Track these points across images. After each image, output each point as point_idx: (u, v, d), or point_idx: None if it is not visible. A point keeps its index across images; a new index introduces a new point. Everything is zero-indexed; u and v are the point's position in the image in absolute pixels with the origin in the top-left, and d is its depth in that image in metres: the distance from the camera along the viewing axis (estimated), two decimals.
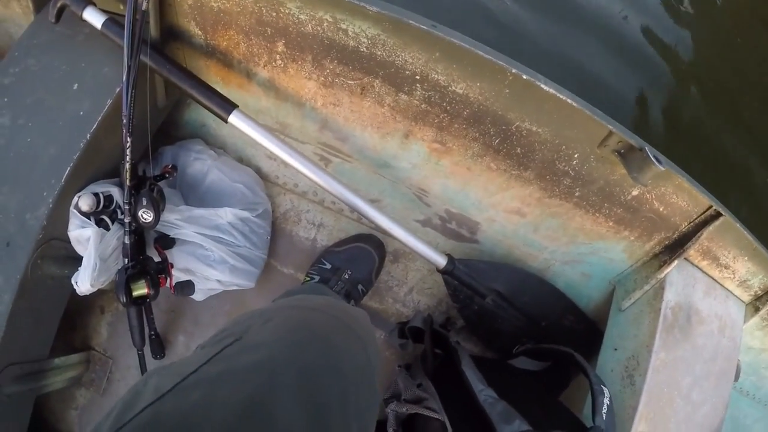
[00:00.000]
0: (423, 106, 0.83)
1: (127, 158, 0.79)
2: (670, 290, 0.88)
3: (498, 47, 0.74)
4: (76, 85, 0.82)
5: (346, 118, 0.91)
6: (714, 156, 1.97)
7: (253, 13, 0.80)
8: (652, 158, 0.74)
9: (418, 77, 0.79)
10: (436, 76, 0.78)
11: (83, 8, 0.78)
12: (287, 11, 0.77)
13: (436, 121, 0.85)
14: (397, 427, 0.87)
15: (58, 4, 0.79)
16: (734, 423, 1.23)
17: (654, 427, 0.83)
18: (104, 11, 0.79)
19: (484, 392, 0.75)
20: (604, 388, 0.79)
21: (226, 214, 0.92)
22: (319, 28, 0.78)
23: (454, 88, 0.79)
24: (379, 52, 0.78)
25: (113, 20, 0.78)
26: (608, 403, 0.77)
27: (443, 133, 0.87)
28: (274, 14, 0.79)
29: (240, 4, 0.79)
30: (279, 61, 0.86)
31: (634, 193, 0.85)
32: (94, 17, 0.78)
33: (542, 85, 0.73)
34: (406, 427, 0.88)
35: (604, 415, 0.75)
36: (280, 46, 0.83)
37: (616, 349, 0.91)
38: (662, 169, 0.73)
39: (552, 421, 0.80)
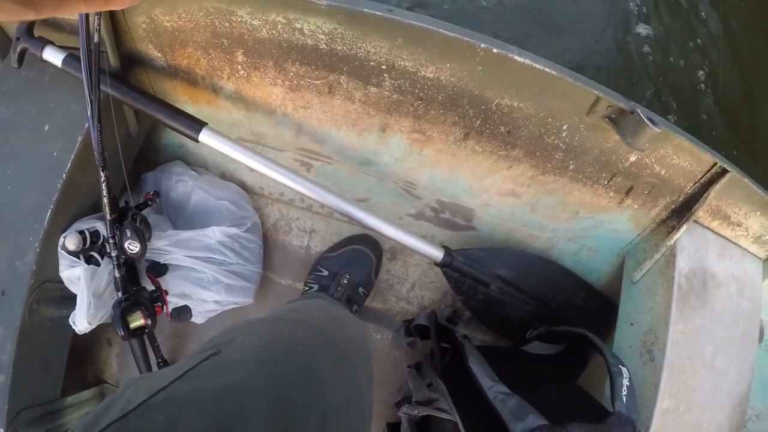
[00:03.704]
0: (395, 96, 0.79)
1: (104, 192, 0.78)
2: (681, 256, 0.82)
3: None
4: (47, 126, 0.81)
5: (319, 119, 0.88)
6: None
7: (206, 27, 0.77)
8: (646, 120, 0.68)
9: (384, 67, 0.75)
10: (402, 62, 0.74)
11: (42, 49, 0.78)
12: (239, 19, 0.74)
13: (411, 110, 0.81)
14: (410, 430, 0.85)
15: (18, 49, 0.79)
16: (763, 382, 1.16)
17: (679, 402, 0.78)
18: (64, 48, 0.78)
19: (494, 389, 0.71)
20: (622, 368, 0.75)
21: (214, 233, 0.91)
22: (274, 32, 0.75)
23: (423, 72, 0.74)
24: (339, 47, 0.74)
25: (73, 56, 0.77)
26: (628, 384, 0.73)
27: (421, 121, 0.83)
28: (227, 24, 0.76)
29: (192, 19, 0.77)
30: (242, 72, 0.83)
31: (632, 159, 0.80)
32: (53, 56, 0.78)
33: (516, 57, 0.68)
34: (421, 429, 0.86)
35: (624, 398, 0.71)
36: (240, 56, 0.81)
37: (632, 324, 0.87)
38: (658, 130, 0.68)
39: (570, 409, 0.77)
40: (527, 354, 0.95)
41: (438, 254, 0.86)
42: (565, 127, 0.77)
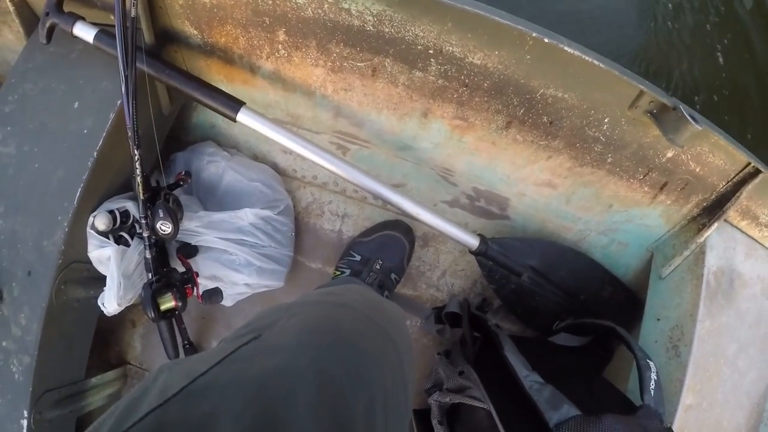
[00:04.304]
0: (440, 81, 0.79)
1: (137, 171, 0.76)
2: (711, 254, 0.83)
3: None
4: (77, 103, 0.79)
5: (359, 102, 0.87)
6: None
7: (248, 4, 0.75)
8: (688, 117, 0.69)
9: (431, 51, 0.74)
10: (450, 48, 0.73)
11: (73, 24, 0.76)
12: None
13: (455, 96, 0.80)
14: (441, 417, 0.86)
15: (47, 24, 0.76)
16: None
17: (702, 398, 0.80)
18: (95, 24, 0.76)
19: (529, 378, 0.72)
20: (650, 362, 0.75)
21: (246, 215, 0.89)
22: (320, 11, 0.73)
23: (471, 59, 0.74)
24: (386, 29, 0.73)
25: (105, 32, 0.75)
26: (655, 378, 0.74)
27: (464, 108, 0.82)
28: (270, 2, 0.74)
29: None
30: (282, 51, 0.82)
31: (669, 155, 0.80)
32: (84, 32, 0.76)
33: (566, 48, 0.67)
34: (451, 416, 0.87)
35: (652, 392, 0.72)
36: (281, 35, 0.79)
37: (658, 319, 0.88)
38: (699, 128, 0.68)
39: (598, 400, 0.77)
40: (555, 345, 0.95)
41: (474, 242, 0.86)
42: (606, 120, 0.77)
